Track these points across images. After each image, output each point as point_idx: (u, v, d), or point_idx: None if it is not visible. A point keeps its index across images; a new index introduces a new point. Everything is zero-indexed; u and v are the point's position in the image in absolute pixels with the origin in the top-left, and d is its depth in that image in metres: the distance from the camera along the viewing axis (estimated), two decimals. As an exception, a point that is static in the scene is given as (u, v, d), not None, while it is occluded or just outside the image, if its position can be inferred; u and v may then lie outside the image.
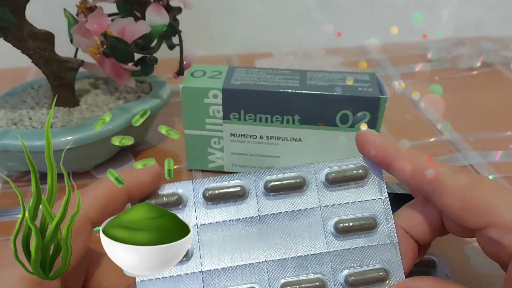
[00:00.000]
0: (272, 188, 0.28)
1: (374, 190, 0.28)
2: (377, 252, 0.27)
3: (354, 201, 0.28)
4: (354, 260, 0.27)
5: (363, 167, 0.29)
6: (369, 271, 0.27)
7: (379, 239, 0.27)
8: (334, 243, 0.27)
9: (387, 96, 0.38)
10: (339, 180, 0.28)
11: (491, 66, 0.64)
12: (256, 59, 0.66)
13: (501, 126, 0.51)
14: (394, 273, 0.27)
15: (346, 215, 0.28)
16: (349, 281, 0.26)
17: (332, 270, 0.27)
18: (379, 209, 0.28)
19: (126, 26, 0.41)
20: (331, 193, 0.28)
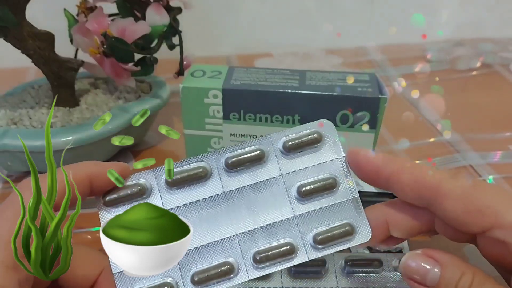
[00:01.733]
0: (233, 164, 0.29)
1: (330, 152, 0.29)
2: (341, 209, 0.28)
3: (313, 165, 0.29)
4: (320, 220, 0.28)
5: (317, 131, 0.29)
6: (335, 228, 0.28)
7: (341, 196, 0.29)
8: (299, 207, 0.28)
9: (387, 96, 0.38)
10: (296, 146, 0.29)
11: (491, 67, 0.64)
12: (256, 59, 0.66)
13: (500, 127, 0.51)
14: (359, 227, 0.28)
15: (307, 179, 0.29)
16: (318, 240, 0.28)
17: (300, 233, 0.28)
18: (337, 168, 0.29)
19: (126, 26, 0.41)
20: (291, 160, 0.29)
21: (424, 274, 0.25)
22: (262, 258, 0.28)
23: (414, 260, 0.26)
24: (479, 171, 0.45)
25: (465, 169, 0.45)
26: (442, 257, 0.25)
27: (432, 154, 0.47)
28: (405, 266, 0.26)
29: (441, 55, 0.66)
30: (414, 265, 0.26)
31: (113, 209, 0.27)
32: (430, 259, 0.25)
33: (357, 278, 0.31)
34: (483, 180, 0.44)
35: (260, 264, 0.28)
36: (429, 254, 0.26)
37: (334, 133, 0.30)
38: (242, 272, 0.28)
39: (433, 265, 0.25)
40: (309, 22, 0.69)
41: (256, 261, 0.28)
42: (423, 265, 0.25)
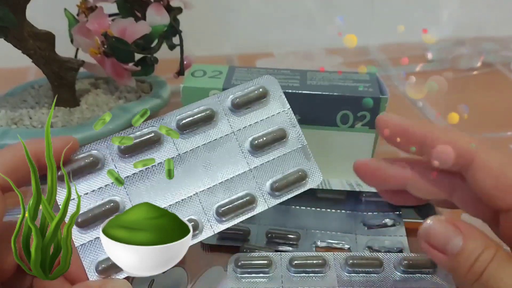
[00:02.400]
0: (184, 126, 0.29)
1: (276, 105, 0.31)
2: (292, 157, 0.30)
3: (262, 119, 0.31)
4: (274, 169, 0.30)
5: (262, 86, 0.31)
6: (289, 174, 0.30)
7: (291, 146, 0.31)
8: (253, 160, 0.30)
9: (387, 96, 0.38)
10: (244, 103, 0.30)
11: (492, 66, 0.64)
12: (257, 59, 0.66)
13: (501, 126, 0.51)
14: (311, 172, 0.30)
15: (258, 132, 0.30)
16: (274, 187, 0.29)
17: (257, 184, 0.30)
18: (285, 120, 0.31)
19: (126, 26, 0.41)
20: (240, 117, 0.31)
21: (445, 241, 0.24)
22: (224, 211, 0.29)
23: (438, 225, 0.25)
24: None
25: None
26: (466, 228, 0.24)
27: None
28: (426, 230, 0.25)
29: (442, 54, 0.66)
30: (437, 230, 0.25)
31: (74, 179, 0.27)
32: (454, 227, 0.25)
33: (357, 278, 0.31)
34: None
35: (224, 217, 0.29)
36: (453, 223, 0.25)
37: (278, 88, 0.31)
38: (207, 227, 0.29)
39: (456, 234, 0.24)
40: (310, 21, 0.69)
41: (219, 214, 0.29)
42: (446, 233, 0.25)
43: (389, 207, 0.39)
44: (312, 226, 0.38)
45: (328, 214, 0.39)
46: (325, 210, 0.40)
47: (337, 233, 0.37)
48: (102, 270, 0.26)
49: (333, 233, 0.37)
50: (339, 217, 0.39)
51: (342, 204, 0.40)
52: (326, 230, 0.38)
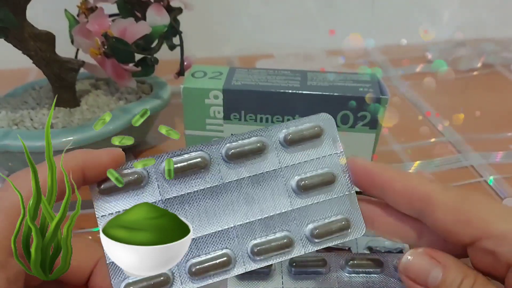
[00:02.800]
0: (232, 156, 0.28)
1: (329, 146, 0.29)
2: (338, 204, 0.29)
3: (312, 159, 0.29)
4: (317, 214, 0.28)
5: (318, 125, 0.29)
6: (332, 222, 0.28)
7: (338, 191, 0.29)
8: (297, 201, 0.28)
9: (388, 97, 0.38)
10: (296, 140, 0.29)
11: (492, 67, 0.64)
12: (257, 60, 0.66)
13: (502, 127, 0.51)
14: (355, 221, 0.29)
15: (306, 172, 0.29)
16: (315, 234, 0.28)
17: (297, 226, 0.28)
18: (335, 163, 0.29)
19: (127, 26, 0.41)
20: (290, 154, 0.29)
21: (425, 274, 0.25)
22: (259, 250, 0.28)
23: (416, 260, 0.25)
24: (480, 172, 0.44)
25: (466, 169, 0.45)
26: (444, 258, 0.25)
27: (433, 155, 0.47)
28: (405, 265, 0.26)
29: (442, 56, 0.66)
30: (415, 265, 0.25)
31: (108, 198, 0.27)
32: (432, 259, 0.25)
33: (357, 278, 0.31)
34: (483, 181, 0.43)
35: (258, 257, 0.28)
36: (431, 254, 0.25)
37: (333, 128, 0.29)
38: (239, 263, 0.28)
39: (435, 266, 0.25)
40: (310, 23, 0.69)
41: (254, 253, 0.28)
42: (425, 266, 0.25)
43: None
44: None
45: None
46: None
47: None
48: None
49: None
50: None
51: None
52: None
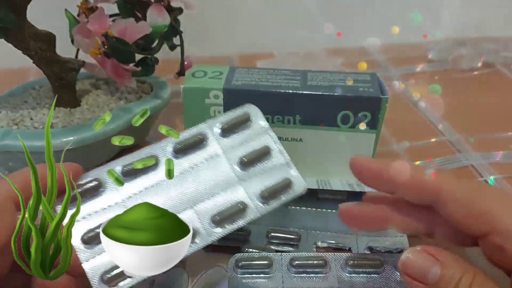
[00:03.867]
0: (179, 150, 0.33)
1: (258, 127, 0.35)
2: (278, 170, 0.34)
3: (247, 140, 0.34)
4: (262, 181, 0.33)
5: (245, 112, 0.35)
6: (277, 184, 0.33)
7: (276, 160, 0.34)
8: (243, 175, 0.33)
9: (388, 96, 0.38)
10: (231, 127, 0.34)
11: (492, 67, 0.64)
12: (257, 60, 0.66)
13: (502, 127, 0.51)
14: (295, 180, 0.33)
15: (245, 151, 0.34)
16: (265, 195, 0.32)
17: (247, 194, 0.32)
18: (267, 139, 0.35)
19: (127, 26, 0.41)
20: (228, 139, 0.34)
21: (424, 272, 0.25)
22: (219, 219, 0.31)
23: (414, 258, 0.26)
24: (480, 171, 0.44)
25: (466, 169, 0.45)
26: (443, 255, 0.25)
27: (433, 154, 0.47)
28: (404, 263, 0.26)
29: (442, 55, 0.66)
30: (414, 262, 0.26)
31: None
32: (430, 257, 0.25)
33: (358, 278, 0.31)
34: (484, 181, 0.43)
35: (219, 226, 0.31)
36: (429, 251, 0.25)
37: (258, 113, 0.35)
38: (203, 235, 0.30)
39: (433, 263, 0.25)
40: (310, 22, 0.69)
41: (215, 222, 0.31)
42: (424, 263, 0.25)
43: None
44: (313, 226, 0.38)
45: (329, 214, 0.39)
46: (326, 210, 0.40)
47: (337, 234, 0.37)
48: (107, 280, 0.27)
49: (334, 234, 0.37)
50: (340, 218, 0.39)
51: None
52: (326, 231, 0.38)
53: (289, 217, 0.39)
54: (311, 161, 0.42)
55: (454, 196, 0.25)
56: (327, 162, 0.42)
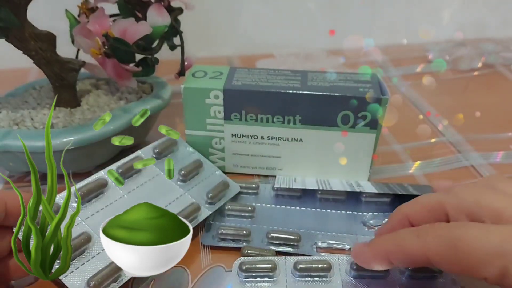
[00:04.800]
0: (123, 174, 0.37)
1: (186, 149, 0.41)
2: (212, 177, 0.40)
3: (180, 158, 0.40)
4: (204, 187, 0.39)
5: (171, 140, 0.41)
6: (217, 186, 0.39)
7: (209, 170, 0.41)
8: (185, 186, 0.38)
9: (388, 97, 0.38)
10: (162, 151, 0.40)
11: (492, 67, 0.64)
12: (257, 60, 0.66)
13: (502, 127, 0.51)
14: (230, 184, 0.40)
15: (182, 166, 0.39)
16: (211, 196, 0.38)
17: (196, 198, 0.37)
18: (196, 156, 0.41)
19: (127, 26, 0.41)
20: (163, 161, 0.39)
21: None
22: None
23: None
24: (481, 172, 0.44)
25: (467, 169, 0.45)
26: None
27: (433, 155, 0.47)
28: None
29: (442, 56, 0.66)
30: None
31: None
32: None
33: (363, 282, 0.31)
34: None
35: None
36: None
37: (180, 138, 0.41)
38: None
39: None
40: (310, 23, 0.69)
41: None
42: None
43: (389, 207, 0.39)
44: (313, 227, 0.38)
45: (329, 214, 0.39)
46: (326, 210, 0.40)
47: (337, 234, 0.37)
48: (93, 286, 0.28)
49: (334, 234, 0.37)
50: (340, 218, 0.39)
51: (342, 205, 0.40)
52: (326, 231, 0.38)
53: (289, 218, 0.39)
54: (311, 161, 0.42)
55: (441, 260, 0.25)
56: (328, 162, 0.42)
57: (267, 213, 0.39)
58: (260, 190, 0.41)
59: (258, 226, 0.38)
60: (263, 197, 0.41)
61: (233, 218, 0.39)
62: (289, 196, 0.41)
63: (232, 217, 0.39)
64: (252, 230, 0.37)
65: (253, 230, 0.37)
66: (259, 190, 0.41)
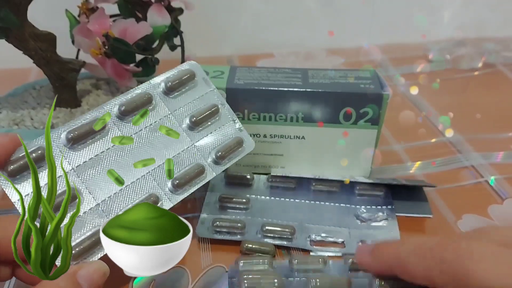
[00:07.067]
0: (125, 112, 0.31)
1: (204, 86, 0.35)
2: (227, 129, 0.35)
3: (194, 99, 0.35)
4: (215, 141, 0.34)
5: (190, 69, 0.35)
6: (229, 143, 0.35)
7: (224, 120, 0.35)
8: (194, 136, 0.34)
9: (389, 93, 0.38)
10: (177, 86, 0.34)
11: (493, 67, 0.64)
12: (257, 59, 0.66)
13: (503, 127, 0.51)
14: (245, 140, 0.36)
15: (194, 110, 0.34)
16: (219, 155, 0.34)
17: (202, 155, 0.33)
18: (214, 98, 0.35)
19: (127, 27, 0.41)
20: (175, 99, 0.34)
21: None
22: (178, 183, 0.31)
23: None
24: (481, 172, 0.44)
25: (467, 169, 0.45)
26: None
27: (434, 155, 0.47)
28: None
29: (443, 55, 0.66)
30: None
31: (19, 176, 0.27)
32: None
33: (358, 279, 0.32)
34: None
35: (179, 189, 0.32)
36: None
37: (201, 70, 0.35)
38: (165, 200, 0.31)
39: None
40: (310, 22, 0.69)
41: (174, 186, 0.31)
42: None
43: (382, 201, 0.40)
44: (307, 219, 0.38)
45: (322, 207, 0.40)
46: (319, 203, 0.40)
47: (331, 227, 0.38)
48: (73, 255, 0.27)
49: (327, 227, 0.38)
50: (333, 210, 0.39)
51: (336, 197, 0.40)
52: (320, 224, 0.38)
53: (284, 210, 0.39)
54: (314, 158, 0.42)
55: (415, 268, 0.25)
56: (330, 159, 0.42)
57: (261, 205, 0.40)
58: (255, 182, 0.41)
59: (253, 218, 0.38)
60: (258, 189, 0.41)
61: (228, 210, 0.39)
62: (283, 188, 0.41)
63: (226, 209, 0.39)
64: (247, 222, 0.37)
65: (248, 223, 0.37)
66: (253, 181, 0.41)
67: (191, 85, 0.35)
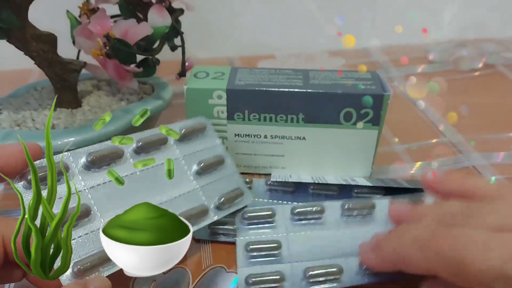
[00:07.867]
0: (141, 149, 0.33)
1: (213, 138, 0.38)
2: (230, 179, 0.37)
3: (204, 148, 0.37)
4: (219, 187, 0.36)
5: (202, 123, 0.38)
6: (231, 192, 0.36)
7: (228, 170, 0.38)
8: (200, 180, 0.36)
9: (390, 93, 0.38)
10: (189, 134, 0.37)
11: (493, 68, 0.64)
12: (258, 61, 0.66)
13: (503, 127, 0.51)
14: (245, 191, 0.37)
15: (202, 157, 0.36)
16: (222, 202, 0.35)
17: (206, 199, 0.35)
18: (221, 150, 0.38)
19: (128, 27, 0.41)
20: (187, 145, 0.36)
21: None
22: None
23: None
24: (482, 172, 0.44)
25: (468, 170, 0.45)
26: None
27: (434, 155, 0.47)
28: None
29: (443, 56, 0.66)
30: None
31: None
32: None
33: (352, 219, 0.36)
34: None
35: None
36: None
37: (210, 124, 0.39)
38: None
39: None
40: (311, 23, 0.69)
41: None
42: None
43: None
44: None
45: None
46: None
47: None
48: (78, 272, 0.27)
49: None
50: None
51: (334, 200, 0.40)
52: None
53: None
54: (314, 159, 0.42)
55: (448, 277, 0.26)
56: (331, 159, 0.42)
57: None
58: (254, 185, 0.41)
59: None
60: (257, 192, 0.41)
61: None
62: (282, 191, 0.41)
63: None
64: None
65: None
66: (253, 184, 0.41)
67: (202, 135, 0.38)
